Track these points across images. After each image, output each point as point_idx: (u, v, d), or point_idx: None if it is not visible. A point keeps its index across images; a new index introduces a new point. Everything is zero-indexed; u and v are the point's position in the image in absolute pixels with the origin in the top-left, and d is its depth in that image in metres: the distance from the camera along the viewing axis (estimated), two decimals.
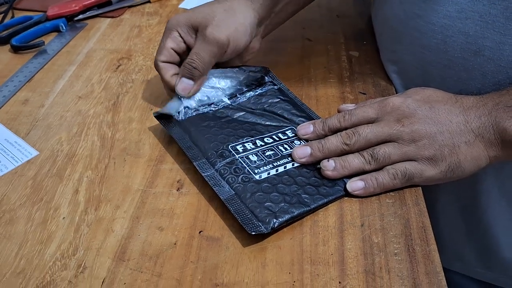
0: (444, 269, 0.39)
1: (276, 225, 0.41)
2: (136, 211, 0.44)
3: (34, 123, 0.56)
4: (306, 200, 0.43)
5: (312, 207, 0.43)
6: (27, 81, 0.63)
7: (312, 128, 0.48)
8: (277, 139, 0.49)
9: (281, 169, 0.46)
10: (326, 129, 0.48)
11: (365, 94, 0.58)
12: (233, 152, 0.47)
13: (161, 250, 0.41)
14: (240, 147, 0.48)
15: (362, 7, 0.78)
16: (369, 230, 0.42)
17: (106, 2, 0.79)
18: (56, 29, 0.74)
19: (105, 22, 0.77)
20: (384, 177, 0.44)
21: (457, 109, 0.45)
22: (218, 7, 0.53)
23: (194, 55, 0.52)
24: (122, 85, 0.62)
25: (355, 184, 0.44)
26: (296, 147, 0.47)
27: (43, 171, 0.49)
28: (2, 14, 0.77)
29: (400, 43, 0.56)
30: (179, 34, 0.54)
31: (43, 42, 0.70)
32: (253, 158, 0.47)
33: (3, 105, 0.59)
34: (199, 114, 0.52)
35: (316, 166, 0.46)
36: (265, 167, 0.46)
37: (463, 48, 0.49)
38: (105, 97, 0.59)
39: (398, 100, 0.46)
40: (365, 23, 0.72)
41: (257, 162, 0.46)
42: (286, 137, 0.49)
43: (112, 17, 0.78)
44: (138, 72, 0.64)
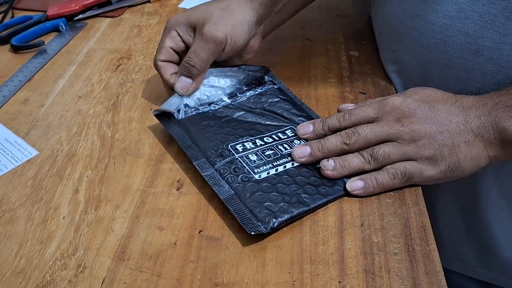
0: (444, 269, 0.39)
1: (276, 225, 0.41)
2: (136, 211, 0.44)
3: (34, 123, 0.56)
4: (306, 200, 0.43)
5: (312, 207, 0.43)
6: (27, 81, 0.63)
7: (312, 128, 0.48)
8: (277, 139, 0.49)
9: (281, 169, 0.46)
10: (326, 129, 0.48)
11: (365, 94, 0.58)
12: (233, 152, 0.47)
13: (161, 250, 0.41)
14: (240, 147, 0.48)
15: (362, 7, 0.78)
16: (369, 230, 0.42)
17: (106, 2, 0.79)
18: (56, 29, 0.74)
19: (105, 22, 0.77)
20: (384, 177, 0.44)
21: (457, 109, 0.45)
22: (216, 6, 0.54)
23: (192, 53, 0.52)
24: (122, 85, 0.62)
25: (355, 184, 0.44)
26: (296, 147, 0.47)
27: (43, 171, 0.49)
28: (2, 14, 0.77)
29: (400, 43, 0.56)
30: (178, 34, 0.54)
31: (43, 42, 0.70)
32: (253, 158, 0.47)
33: (3, 105, 0.59)
34: (199, 114, 0.52)
35: (316, 166, 0.46)
36: (265, 167, 0.46)
37: (463, 48, 0.49)
38: (105, 97, 0.60)
39: (398, 100, 0.46)
40: (365, 23, 0.72)
41: (257, 162, 0.46)
42: (286, 137, 0.49)
43: (112, 17, 0.78)
44: (138, 72, 0.64)
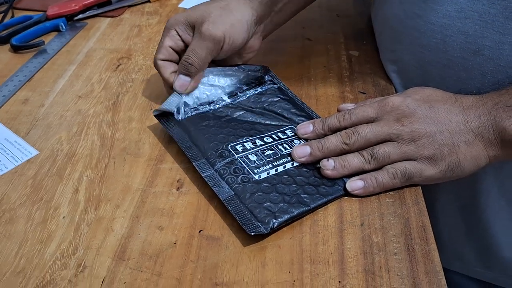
0: (444, 269, 0.39)
1: (276, 226, 0.41)
2: (136, 211, 0.44)
3: (34, 123, 0.56)
4: (306, 200, 0.43)
5: (312, 207, 0.43)
6: (27, 81, 0.63)
7: (312, 128, 0.48)
8: (277, 139, 0.49)
9: (281, 169, 0.46)
10: (326, 129, 0.48)
11: (365, 94, 0.58)
12: (233, 152, 0.47)
13: (161, 250, 0.41)
14: (240, 147, 0.48)
15: (362, 7, 0.78)
16: (369, 230, 0.42)
17: (106, 2, 0.79)
18: (56, 29, 0.74)
19: (105, 22, 0.77)
20: (384, 177, 0.44)
21: (457, 109, 0.45)
22: (215, 5, 0.54)
23: (190, 52, 0.52)
24: (122, 85, 0.62)
25: (355, 184, 0.44)
26: (296, 147, 0.47)
27: (43, 171, 0.49)
28: (2, 14, 0.77)
29: (400, 43, 0.56)
30: (177, 33, 0.54)
31: (43, 42, 0.70)
32: (253, 158, 0.47)
33: (3, 105, 0.59)
34: (199, 114, 0.52)
35: (316, 166, 0.46)
36: (265, 167, 0.46)
37: (463, 48, 0.49)
38: (105, 97, 0.60)
39: (398, 100, 0.46)
40: (365, 23, 0.72)
41: (257, 162, 0.46)
42: (286, 137, 0.49)
43: (112, 17, 0.78)
44: (138, 72, 0.64)
